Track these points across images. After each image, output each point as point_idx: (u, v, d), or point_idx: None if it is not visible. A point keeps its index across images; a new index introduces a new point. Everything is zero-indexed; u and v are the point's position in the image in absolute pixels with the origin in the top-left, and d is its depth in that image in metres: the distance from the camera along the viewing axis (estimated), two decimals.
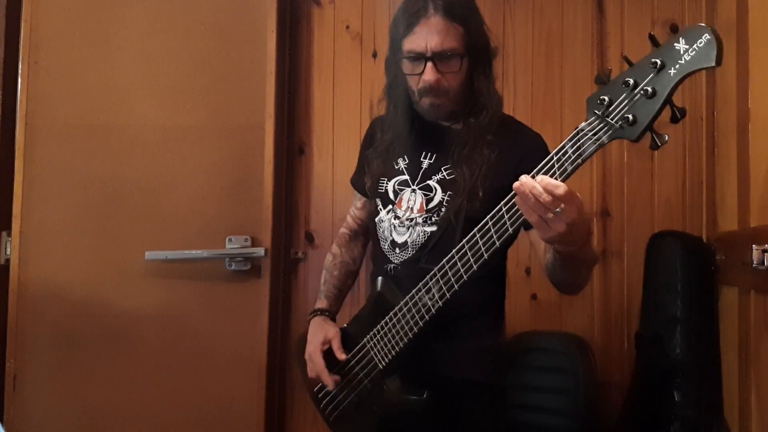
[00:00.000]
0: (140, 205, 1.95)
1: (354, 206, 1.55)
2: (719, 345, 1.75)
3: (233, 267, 1.94)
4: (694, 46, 0.86)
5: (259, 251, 1.93)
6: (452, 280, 1.11)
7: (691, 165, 2.00)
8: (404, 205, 1.33)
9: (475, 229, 1.07)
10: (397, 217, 1.33)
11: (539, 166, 0.98)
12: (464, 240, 1.09)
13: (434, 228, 1.28)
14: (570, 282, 1.20)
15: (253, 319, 1.95)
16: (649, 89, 0.89)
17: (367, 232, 1.52)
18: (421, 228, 1.29)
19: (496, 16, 2.12)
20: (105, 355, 1.91)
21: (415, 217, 1.30)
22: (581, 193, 2.08)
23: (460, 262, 1.10)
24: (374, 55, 2.17)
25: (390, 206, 1.35)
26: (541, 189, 0.91)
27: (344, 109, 2.18)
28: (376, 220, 1.38)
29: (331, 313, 1.45)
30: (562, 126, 2.05)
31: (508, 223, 1.03)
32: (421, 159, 1.34)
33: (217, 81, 1.99)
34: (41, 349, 1.90)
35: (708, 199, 1.96)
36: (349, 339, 1.33)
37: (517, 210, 0.99)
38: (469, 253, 1.08)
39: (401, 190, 1.35)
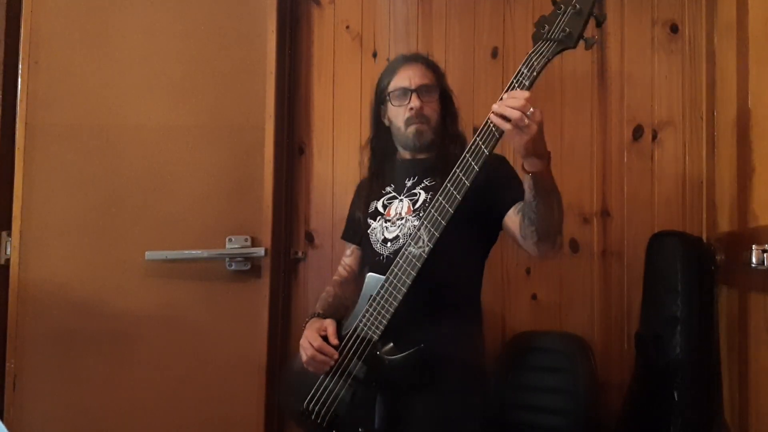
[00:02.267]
0: (140, 205, 1.95)
1: (345, 255, 1.72)
2: (719, 345, 1.75)
3: (233, 267, 1.95)
4: None
5: (259, 251, 1.94)
6: (439, 218, 1.26)
7: (691, 165, 2.00)
8: (393, 212, 1.53)
9: (454, 169, 1.26)
10: (387, 220, 1.53)
11: (506, 88, 1.20)
12: (446, 180, 1.26)
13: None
14: (546, 221, 1.31)
15: (253, 319, 1.95)
16: (577, 6, 1.20)
17: (356, 280, 1.66)
18: (411, 224, 1.47)
19: (496, 16, 2.12)
20: (105, 355, 1.92)
21: (405, 217, 1.50)
22: (581, 193, 2.11)
23: (444, 199, 1.26)
24: (374, 55, 2.17)
25: (380, 217, 1.55)
26: (513, 97, 1.15)
27: (344, 109, 2.18)
28: (368, 231, 1.55)
29: (327, 317, 1.49)
30: (562, 126, 2.05)
31: (482, 146, 1.22)
32: (406, 181, 1.56)
33: (217, 81, 1.99)
34: (41, 349, 1.90)
35: (708, 199, 1.96)
36: (342, 332, 1.39)
37: (490, 132, 1.21)
38: (451, 188, 1.25)
39: (389, 203, 1.55)
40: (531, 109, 1.13)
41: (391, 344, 1.32)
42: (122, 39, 1.98)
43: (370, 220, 1.57)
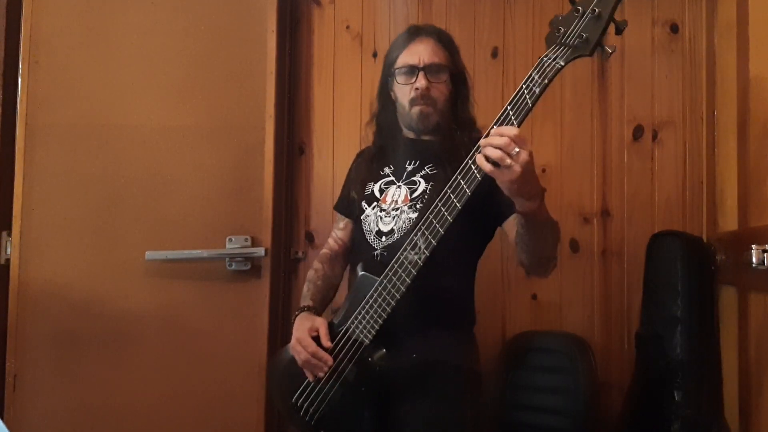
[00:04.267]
0: (140, 205, 1.95)
1: (336, 227, 1.63)
2: (719, 345, 1.75)
3: (233, 267, 1.95)
4: None
5: (259, 251, 1.93)
6: (437, 226, 1.20)
7: (691, 165, 2.00)
8: (389, 200, 1.44)
9: (456, 172, 1.17)
10: (382, 209, 1.44)
11: (511, 97, 1.12)
12: (446, 186, 1.19)
13: (418, 213, 1.37)
14: (539, 253, 1.29)
15: (253, 319, 1.95)
16: (597, 10, 1.09)
17: (347, 255, 1.61)
18: (407, 215, 1.39)
19: (496, 16, 2.12)
20: (105, 355, 1.91)
21: (401, 207, 1.41)
22: (581, 193, 2.11)
23: (444, 206, 1.19)
24: (374, 55, 2.17)
25: (375, 203, 1.46)
26: (497, 136, 1.05)
27: (344, 109, 2.18)
28: (362, 218, 1.47)
29: (316, 311, 1.47)
30: (562, 126, 2.05)
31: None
32: (406, 165, 1.47)
33: (217, 81, 1.99)
34: (41, 349, 1.90)
35: (708, 199, 1.96)
36: (333, 332, 1.35)
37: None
38: (452, 195, 1.18)
39: (386, 188, 1.47)
40: (516, 150, 1.03)
41: (383, 350, 1.30)
42: (122, 39, 1.98)
43: (364, 204, 1.48)
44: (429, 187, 1.40)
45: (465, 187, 1.16)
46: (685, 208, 1.99)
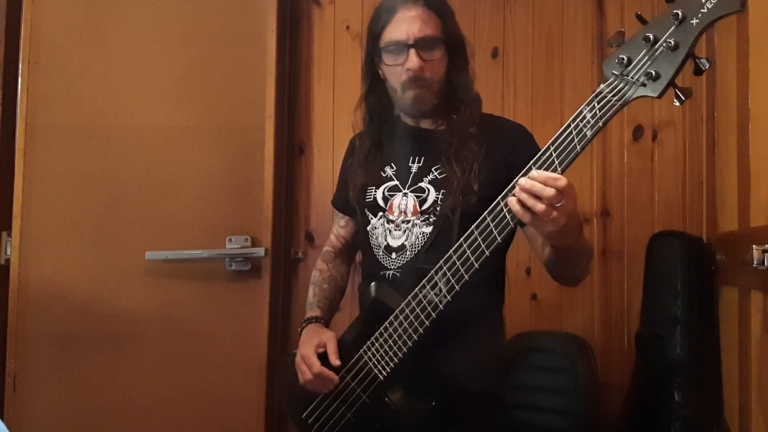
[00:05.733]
0: (140, 205, 1.95)
1: (337, 224, 1.52)
2: (719, 345, 1.75)
3: (233, 267, 1.94)
4: None
5: (259, 251, 1.93)
6: (461, 270, 1.06)
7: (691, 165, 2.00)
8: (396, 210, 1.29)
9: (485, 212, 1.03)
10: (390, 221, 1.29)
11: (555, 135, 0.94)
12: (473, 226, 1.05)
13: (431, 228, 1.25)
14: (570, 275, 1.20)
15: (253, 319, 1.95)
16: (672, 41, 0.86)
17: (350, 251, 1.52)
18: (419, 230, 1.25)
19: (496, 16, 2.12)
20: (105, 355, 1.91)
21: (411, 219, 1.27)
22: (581, 193, 2.10)
23: (469, 250, 1.05)
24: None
25: (381, 213, 1.32)
26: (541, 185, 0.90)
27: (344, 109, 2.18)
28: (368, 228, 1.34)
29: (325, 321, 1.39)
30: (562, 126, 2.05)
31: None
32: (410, 164, 1.32)
33: (217, 81, 1.99)
34: (41, 349, 1.90)
35: (708, 199, 1.95)
36: (343, 351, 1.24)
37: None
38: (479, 238, 1.04)
39: (391, 195, 1.31)
40: (563, 200, 0.89)
41: (400, 392, 1.20)
42: (122, 39, 1.98)
43: (368, 213, 1.34)
44: (440, 196, 1.25)
45: (495, 233, 1.02)
46: (685, 208, 1.99)
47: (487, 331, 1.29)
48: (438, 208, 1.25)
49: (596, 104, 0.92)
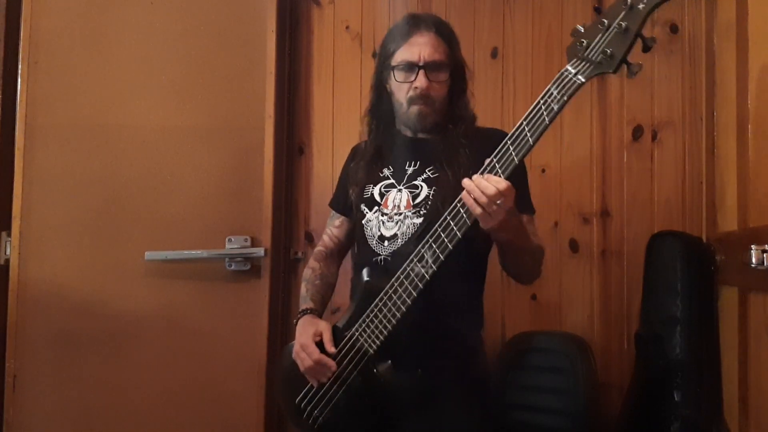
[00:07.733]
0: (140, 205, 1.95)
1: (332, 225, 1.60)
2: (719, 345, 1.75)
3: (233, 267, 1.95)
4: None
5: (259, 251, 1.94)
6: (446, 241, 1.17)
7: (691, 165, 1.99)
8: (390, 204, 1.40)
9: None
10: (384, 214, 1.40)
11: (527, 112, 1.08)
12: (455, 201, 1.16)
13: (422, 219, 1.35)
14: (519, 271, 1.38)
15: (253, 319, 1.95)
16: (623, 24, 1.02)
17: (342, 252, 1.61)
18: (410, 221, 1.36)
19: (496, 16, 2.12)
20: (105, 355, 1.92)
21: (404, 212, 1.38)
22: (581, 194, 2.11)
23: (453, 221, 1.16)
24: (374, 55, 2.16)
25: (376, 207, 1.42)
26: (486, 183, 1.08)
27: (344, 109, 2.18)
28: (363, 222, 1.43)
29: (318, 313, 1.46)
30: (561, 126, 2.05)
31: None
32: (406, 167, 1.43)
33: (217, 81, 1.99)
34: (41, 349, 1.90)
35: (708, 199, 1.95)
36: (337, 337, 1.32)
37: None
38: (462, 211, 1.16)
39: (387, 191, 1.43)
40: (501, 199, 1.08)
41: (389, 363, 1.27)
42: (122, 39, 1.98)
43: (364, 208, 1.44)
44: (432, 192, 1.37)
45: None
46: (685, 208, 1.99)
47: (465, 322, 1.41)
48: (429, 203, 1.36)
49: (561, 82, 1.06)
